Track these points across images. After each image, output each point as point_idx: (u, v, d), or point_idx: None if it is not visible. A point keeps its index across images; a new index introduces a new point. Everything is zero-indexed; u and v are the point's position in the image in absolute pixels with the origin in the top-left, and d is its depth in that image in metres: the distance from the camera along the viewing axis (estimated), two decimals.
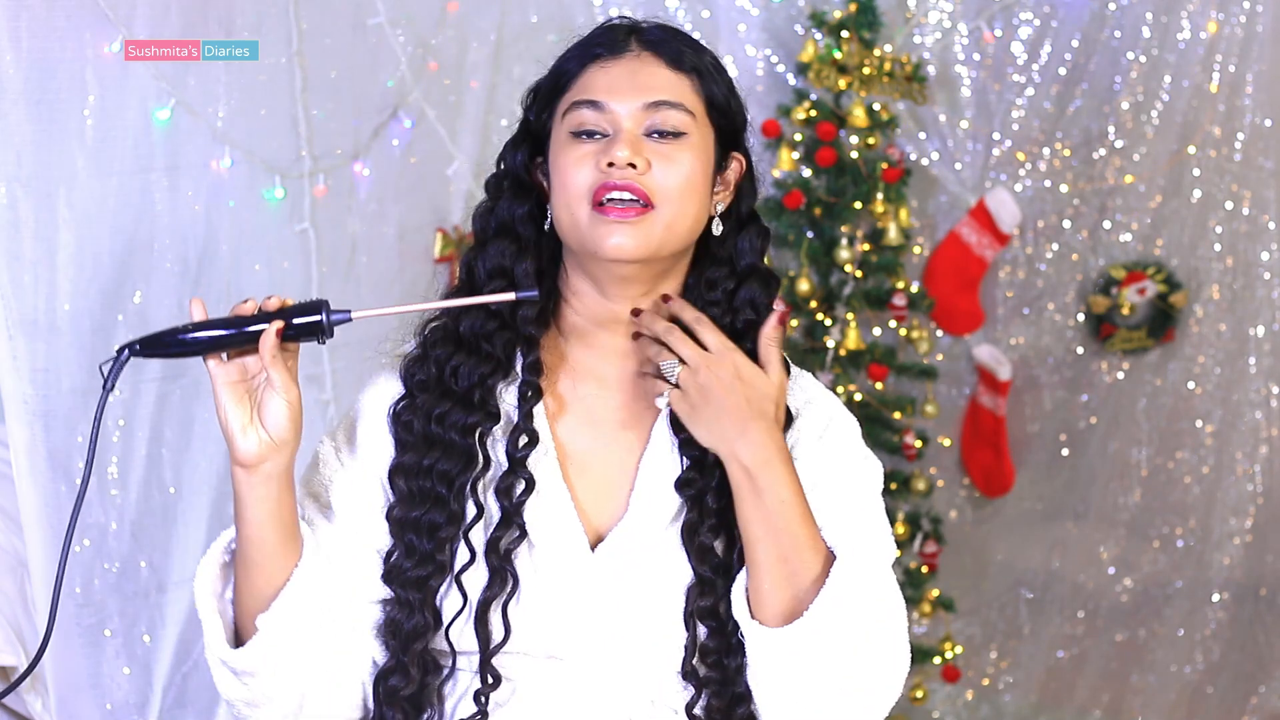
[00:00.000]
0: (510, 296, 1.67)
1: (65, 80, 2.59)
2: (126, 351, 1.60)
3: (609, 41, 1.73)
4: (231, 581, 1.70)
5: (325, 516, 1.75)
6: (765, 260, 1.78)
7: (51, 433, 2.62)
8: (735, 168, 1.78)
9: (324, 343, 1.63)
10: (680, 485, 1.72)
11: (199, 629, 1.74)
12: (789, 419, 1.75)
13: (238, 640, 1.70)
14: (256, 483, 1.62)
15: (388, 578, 1.73)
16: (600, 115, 1.69)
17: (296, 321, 1.61)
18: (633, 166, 1.66)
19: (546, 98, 1.75)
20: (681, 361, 1.67)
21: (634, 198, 1.66)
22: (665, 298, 1.74)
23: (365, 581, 1.74)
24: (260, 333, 1.60)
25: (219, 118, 2.87)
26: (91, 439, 1.60)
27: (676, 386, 1.67)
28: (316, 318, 1.61)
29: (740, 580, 1.70)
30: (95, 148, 2.65)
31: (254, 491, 1.63)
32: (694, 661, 1.71)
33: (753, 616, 1.67)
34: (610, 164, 1.66)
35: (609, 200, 1.66)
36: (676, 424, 1.74)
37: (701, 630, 1.71)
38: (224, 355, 1.61)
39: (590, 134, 1.69)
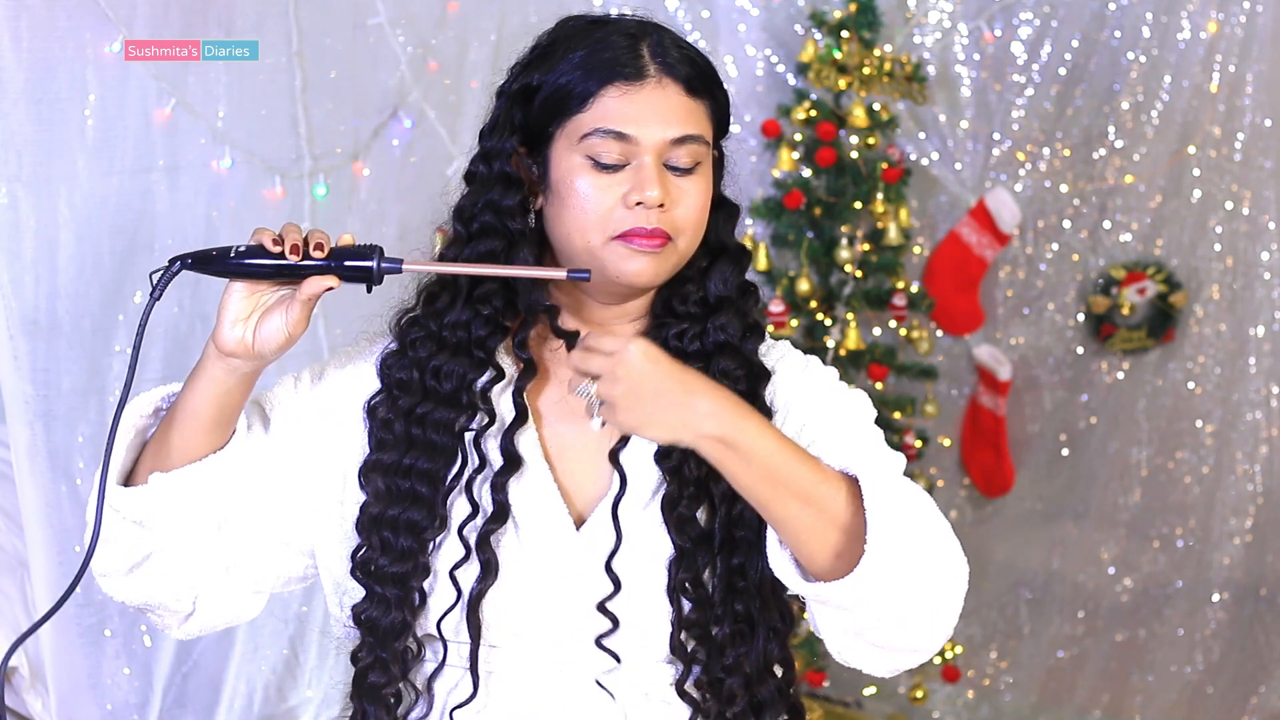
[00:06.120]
0: (561, 274, 1.66)
1: (65, 80, 2.59)
2: (179, 264, 1.61)
3: (621, 61, 1.70)
4: (153, 429, 1.71)
5: (264, 427, 1.76)
6: (755, 242, 1.76)
7: (51, 433, 2.62)
8: (715, 157, 1.78)
9: (370, 290, 1.65)
10: (659, 458, 1.72)
11: None
12: (765, 376, 1.75)
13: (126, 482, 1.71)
14: (219, 366, 1.64)
15: (357, 571, 1.73)
16: (624, 145, 1.68)
17: (348, 264, 1.62)
18: (661, 206, 1.67)
19: (553, 108, 1.72)
20: (594, 378, 1.61)
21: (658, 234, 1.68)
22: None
23: (273, 517, 1.73)
24: (308, 270, 1.61)
25: (219, 118, 2.87)
26: (135, 346, 1.62)
27: (602, 404, 1.60)
28: (368, 263, 1.62)
29: (775, 551, 1.64)
30: (95, 148, 2.65)
31: (213, 369, 1.65)
32: (680, 636, 1.71)
33: (810, 579, 1.61)
34: (639, 203, 1.66)
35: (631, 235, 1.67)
36: None
37: (685, 605, 1.71)
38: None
39: (611, 165, 1.68)
